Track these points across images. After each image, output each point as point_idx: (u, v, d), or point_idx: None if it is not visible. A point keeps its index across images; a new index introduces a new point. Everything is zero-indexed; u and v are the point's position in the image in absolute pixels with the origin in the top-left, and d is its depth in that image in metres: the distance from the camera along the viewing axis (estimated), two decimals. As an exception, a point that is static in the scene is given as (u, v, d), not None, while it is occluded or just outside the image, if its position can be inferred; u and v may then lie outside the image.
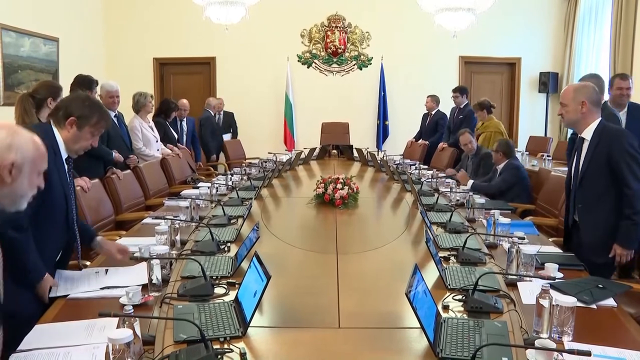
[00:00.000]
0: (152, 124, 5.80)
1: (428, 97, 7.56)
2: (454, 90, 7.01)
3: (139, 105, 5.57)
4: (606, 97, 4.23)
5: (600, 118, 2.86)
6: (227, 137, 8.40)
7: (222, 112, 8.30)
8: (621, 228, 2.75)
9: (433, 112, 7.49)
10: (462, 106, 6.88)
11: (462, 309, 2.03)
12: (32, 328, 1.85)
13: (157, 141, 5.73)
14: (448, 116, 7.30)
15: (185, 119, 6.92)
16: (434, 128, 7.36)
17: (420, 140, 7.52)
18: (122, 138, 5.04)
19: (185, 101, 6.91)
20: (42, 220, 2.21)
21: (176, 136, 6.49)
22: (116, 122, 4.99)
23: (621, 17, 7.21)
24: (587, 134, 2.86)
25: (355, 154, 6.94)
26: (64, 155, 2.31)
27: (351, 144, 7.45)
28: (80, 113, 2.29)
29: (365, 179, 5.47)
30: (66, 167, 2.35)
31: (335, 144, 7.57)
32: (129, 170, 4.68)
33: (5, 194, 1.60)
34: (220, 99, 8.34)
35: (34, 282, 2.13)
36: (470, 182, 4.87)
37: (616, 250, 2.78)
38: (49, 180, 2.17)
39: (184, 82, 9.25)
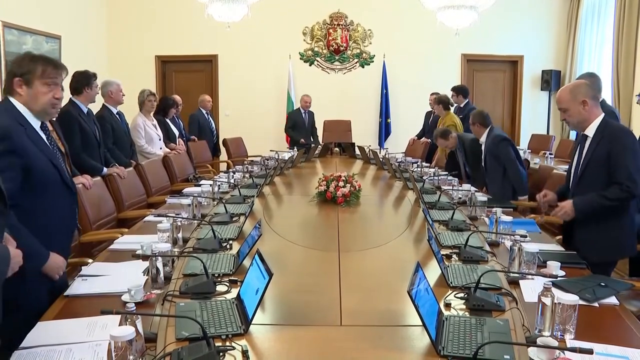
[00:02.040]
0: (155, 122, 5.82)
1: (433, 94, 7.54)
2: (452, 89, 7.01)
3: (139, 102, 5.64)
4: (603, 95, 4.25)
5: (602, 114, 2.84)
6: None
7: (307, 111, 8.19)
8: (590, 197, 2.74)
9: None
10: (462, 105, 6.87)
11: (464, 306, 2.03)
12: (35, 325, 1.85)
13: (160, 139, 5.75)
14: None
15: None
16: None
17: (423, 138, 7.52)
18: (125, 134, 5.06)
19: (177, 97, 6.94)
20: (40, 192, 2.19)
21: (177, 133, 6.49)
22: (119, 119, 5.01)
23: (624, 15, 7.20)
24: (590, 131, 2.83)
25: (357, 151, 6.94)
26: (36, 123, 2.24)
27: (353, 141, 7.45)
28: (22, 70, 2.20)
29: (367, 177, 5.47)
30: (43, 134, 2.28)
31: (338, 142, 7.56)
32: (131, 168, 4.68)
33: None
34: (308, 96, 8.14)
35: (38, 267, 2.12)
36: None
37: (566, 204, 2.78)
38: (28, 153, 2.13)
39: (185, 80, 9.25)
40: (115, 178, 4.23)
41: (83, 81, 4.32)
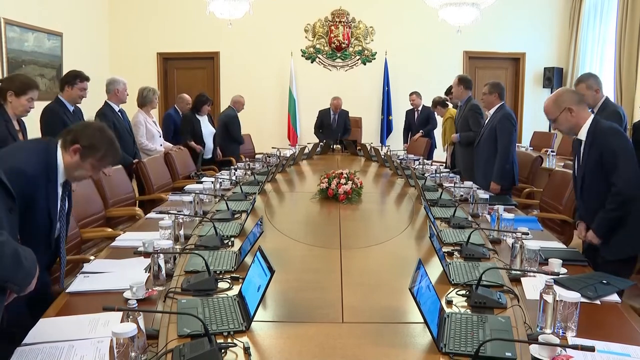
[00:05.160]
0: (155, 119, 5.81)
1: (413, 94, 7.93)
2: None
3: (145, 100, 5.60)
4: (606, 93, 4.29)
5: (592, 115, 2.83)
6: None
7: (337, 113, 7.88)
8: (600, 217, 2.78)
9: (420, 108, 7.89)
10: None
11: (465, 304, 2.03)
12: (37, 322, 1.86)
13: (160, 136, 5.75)
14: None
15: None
16: (426, 121, 7.71)
17: (418, 134, 7.69)
18: (128, 132, 5.06)
19: (186, 96, 6.89)
20: (24, 237, 1.98)
21: (206, 132, 6.51)
22: (121, 116, 5.01)
23: (627, 12, 7.17)
24: (582, 134, 2.83)
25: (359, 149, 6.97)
26: (60, 179, 2.21)
27: (362, 138, 7.50)
28: (87, 143, 2.18)
29: (369, 174, 5.47)
30: (60, 192, 2.24)
31: (347, 138, 7.57)
32: (119, 166, 4.54)
33: None
34: (336, 99, 7.85)
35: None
36: (456, 135, 5.50)
37: (589, 235, 2.85)
38: (34, 203, 2.09)
39: (187, 77, 9.25)
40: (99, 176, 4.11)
41: (66, 79, 4.34)
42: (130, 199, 4.54)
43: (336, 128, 7.85)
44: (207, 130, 6.56)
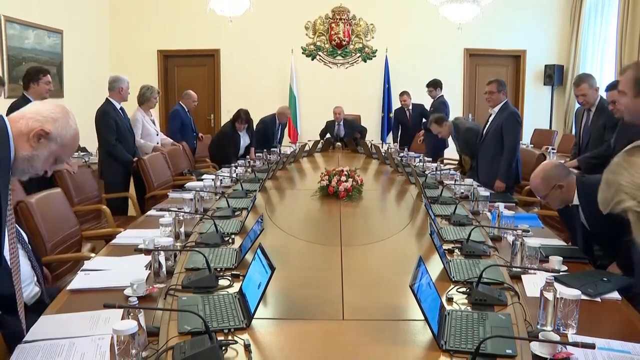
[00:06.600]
0: (154, 117, 5.81)
1: (404, 94, 7.96)
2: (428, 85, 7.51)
3: (143, 99, 5.61)
4: (601, 92, 4.39)
5: (575, 180, 2.75)
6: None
7: (340, 123, 7.65)
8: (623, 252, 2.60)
9: (411, 107, 7.97)
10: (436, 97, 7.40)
11: (466, 301, 2.03)
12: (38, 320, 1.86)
13: (157, 134, 5.75)
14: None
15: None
16: (420, 118, 7.76)
17: (421, 132, 7.63)
18: (128, 130, 5.06)
19: (192, 92, 6.83)
20: None
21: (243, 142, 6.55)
22: (122, 114, 5.01)
23: (628, 9, 7.15)
24: (575, 200, 2.75)
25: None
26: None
27: (355, 136, 7.47)
28: None
29: (370, 172, 5.47)
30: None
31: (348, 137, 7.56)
32: (82, 163, 4.57)
33: (23, 157, 1.71)
34: (338, 108, 7.54)
35: None
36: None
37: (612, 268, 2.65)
38: None
39: (188, 75, 9.24)
40: (63, 174, 4.00)
41: (29, 76, 4.35)
42: (95, 197, 4.42)
43: (341, 137, 7.66)
44: (243, 142, 6.58)
